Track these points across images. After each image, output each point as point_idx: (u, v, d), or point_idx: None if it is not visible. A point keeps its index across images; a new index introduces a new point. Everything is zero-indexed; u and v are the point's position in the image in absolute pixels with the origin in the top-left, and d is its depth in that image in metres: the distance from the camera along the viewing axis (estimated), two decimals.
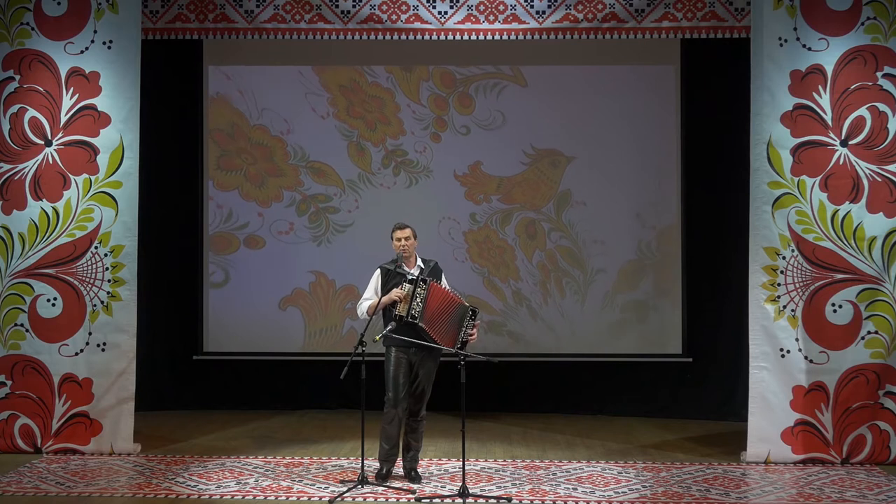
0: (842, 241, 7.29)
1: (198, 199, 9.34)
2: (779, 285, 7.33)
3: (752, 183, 7.37)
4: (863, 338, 7.28)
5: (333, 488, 6.58)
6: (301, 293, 9.29)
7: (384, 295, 6.62)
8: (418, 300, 6.50)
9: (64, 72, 7.58)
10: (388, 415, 6.63)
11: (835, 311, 7.29)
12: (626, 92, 9.14)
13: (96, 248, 7.54)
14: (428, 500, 6.34)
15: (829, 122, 7.31)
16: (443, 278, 6.81)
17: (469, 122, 9.24)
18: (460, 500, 6.25)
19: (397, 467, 6.83)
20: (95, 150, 7.55)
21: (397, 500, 6.35)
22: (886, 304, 7.27)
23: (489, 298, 9.17)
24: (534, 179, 9.19)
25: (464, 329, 6.61)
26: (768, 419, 7.30)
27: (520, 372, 9.17)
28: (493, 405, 9.12)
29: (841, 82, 7.31)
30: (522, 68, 9.21)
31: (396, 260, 6.73)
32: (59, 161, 7.56)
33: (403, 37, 8.10)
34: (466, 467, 6.73)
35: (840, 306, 7.29)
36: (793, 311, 7.32)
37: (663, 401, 9.09)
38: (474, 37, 8.08)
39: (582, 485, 6.73)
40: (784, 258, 7.32)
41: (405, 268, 6.72)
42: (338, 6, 8.05)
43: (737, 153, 8.15)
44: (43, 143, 7.59)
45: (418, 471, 6.80)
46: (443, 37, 8.09)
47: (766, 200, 7.31)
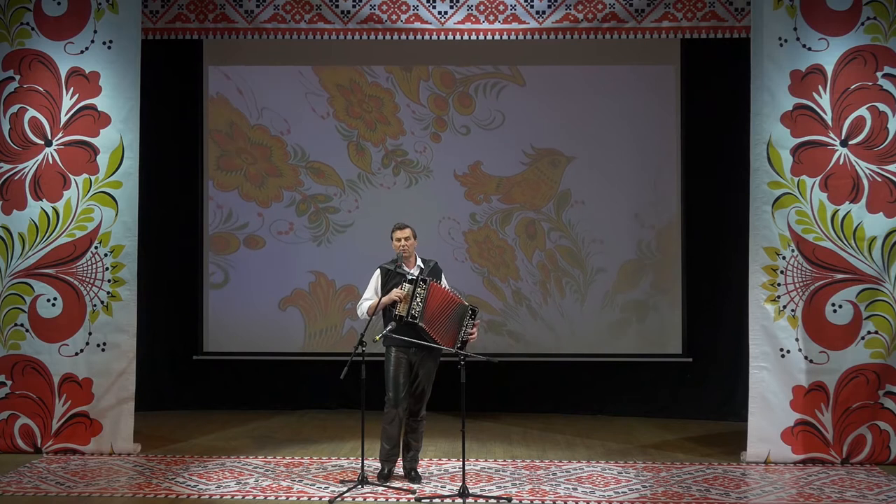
0: (842, 241, 7.28)
1: (198, 199, 9.34)
2: (779, 285, 7.33)
3: (752, 183, 7.37)
4: (863, 338, 7.28)
5: (333, 488, 6.58)
6: (301, 293, 9.29)
7: (384, 295, 6.61)
8: (418, 300, 6.50)
9: (64, 72, 7.57)
10: (389, 415, 6.63)
11: (835, 311, 7.29)
12: (626, 92, 9.13)
13: (96, 248, 7.53)
14: (428, 500, 6.34)
15: (829, 122, 7.31)
16: (443, 278, 6.81)
17: (469, 122, 9.23)
18: (460, 500, 6.25)
19: (398, 467, 6.83)
20: (95, 150, 7.55)
21: (397, 500, 6.35)
22: (886, 304, 7.27)
23: (489, 298, 9.17)
24: (533, 179, 9.19)
25: (464, 329, 6.60)
26: (768, 419, 7.30)
27: (520, 372, 9.17)
28: (493, 405, 9.12)
29: (841, 82, 7.31)
30: (522, 68, 9.21)
31: (396, 260, 6.73)
32: (59, 161, 7.56)
33: (403, 37, 8.09)
34: (466, 467, 6.73)
35: (840, 306, 7.29)
36: (793, 311, 7.31)
37: (663, 401, 9.08)
38: (474, 37, 8.08)
39: (582, 485, 6.72)
40: (784, 258, 7.31)
41: (405, 268, 6.72)
42: (338, 6, 8.05)
43: (737, 153, 8.15)
44: (43, 143, 7.58)
45: (418, 471, 6.80)
46: (443, 37, 8.08)
47: (766, 200, 7.31)
